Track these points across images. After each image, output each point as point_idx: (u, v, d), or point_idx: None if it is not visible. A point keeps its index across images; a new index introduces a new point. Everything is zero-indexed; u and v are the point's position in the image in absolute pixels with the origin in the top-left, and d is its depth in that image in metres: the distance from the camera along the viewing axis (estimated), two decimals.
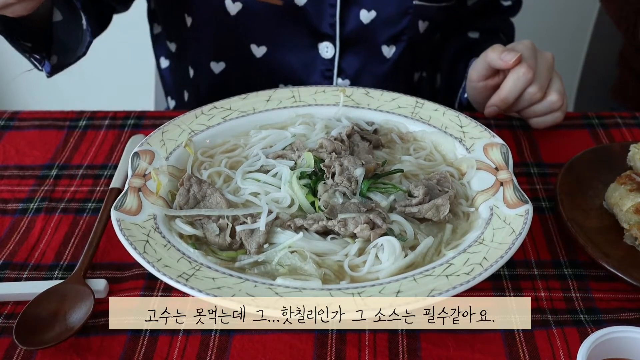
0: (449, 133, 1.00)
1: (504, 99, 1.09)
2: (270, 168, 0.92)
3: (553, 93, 1.09)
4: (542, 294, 0.85)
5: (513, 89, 1.07)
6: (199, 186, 0.89)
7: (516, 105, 1.11)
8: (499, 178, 0.90)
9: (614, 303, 0.84)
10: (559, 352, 0.78)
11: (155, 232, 0.82)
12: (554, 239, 0.94)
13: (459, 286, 0.74)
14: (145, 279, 0.86)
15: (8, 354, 0.77)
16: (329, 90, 1.08)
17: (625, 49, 1.86)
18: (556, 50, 1.50)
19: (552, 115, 1.12)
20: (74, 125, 1.15)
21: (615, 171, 0.98)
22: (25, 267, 0.89)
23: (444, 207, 0.86)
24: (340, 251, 0.82)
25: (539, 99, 1.09)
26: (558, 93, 1.09)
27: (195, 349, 0.78)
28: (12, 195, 1.00)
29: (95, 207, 0.98)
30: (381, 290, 0.75)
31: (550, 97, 1.09)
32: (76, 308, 0.79)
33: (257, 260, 0.82)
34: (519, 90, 1.07)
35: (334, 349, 0.78)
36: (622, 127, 1.16)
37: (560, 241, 0.93)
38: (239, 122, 1.03)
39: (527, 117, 1.14)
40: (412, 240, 0.84)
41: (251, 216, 0.85)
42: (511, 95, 1.08)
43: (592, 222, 0.93)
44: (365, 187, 0.88)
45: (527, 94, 1.08)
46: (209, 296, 0.73)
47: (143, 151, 0.94)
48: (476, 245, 0.81)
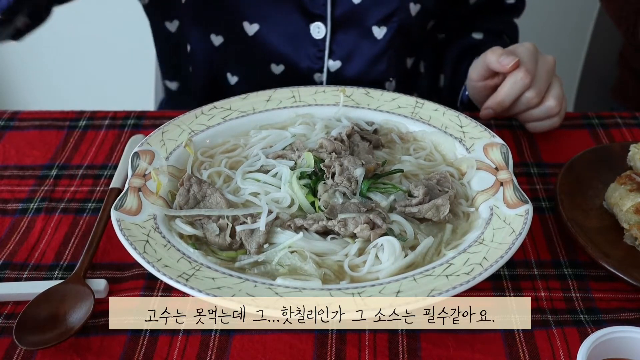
0: (449, 133, 1.00)
1: (500, 102, 1.08)
2: (270, 168, 0.92)
3: (551, 99, 1.08)
4: (542, 294, 0.85)
5: (509, 93, 1.06)
6: (199, 186, 0.89)
7: (513, 109, 1.10)
8: (499, 178, 0.90)
9: (614, 303, 0.84)
10: (559, 352, 0.78)
11: (155, 232, 0.82)
12: (554, 239, 0.94)
13: (459, 286, 0.74)
14: (145, 279, 0.86)
15: (8, 354, 0.77)
16: (329, 90, 1.08)
17: (625, 49, 1.86)
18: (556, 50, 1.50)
19: (550, 121, 1.11)
20: (74, 125, 1.15)
21: (615, 171, 0.98)
22: (25, 267, 0.89)
23: (444, 207, 0.86)
24: (340, 251, 0.82)
25: (536, 104, 1.08)
26: (556, 99, 1.08)
27: (195, 349, 0.78)
28: (12, 195, 1.00)
29: (95, 207, 0.98)
30: (381, 290, 0.75)
31: (547, 102, 1.08)
32: (76, 308, 0.79)
33: (257, 260, 0.82)
34: (515, 94, 1.06)
35: (334, 349, 0.78)
36: (622, 127, 1.16)
37: (560, 241, 0.93)
38: (239, 122, 1.03)
39: (524, 121, 1.13)
40: (412, 240, 0.84)
41: (251, 216, 0.85)
42: (507, 99, 1.07)
43: (592, 222, 0.93)
44: (365, 187, 0.88)
45: (524, 98, 1.07)
46: (209, 296, 0.73)
47: (143, 151, 0.94)
48: (476, 245, 0.81)
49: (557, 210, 0.93)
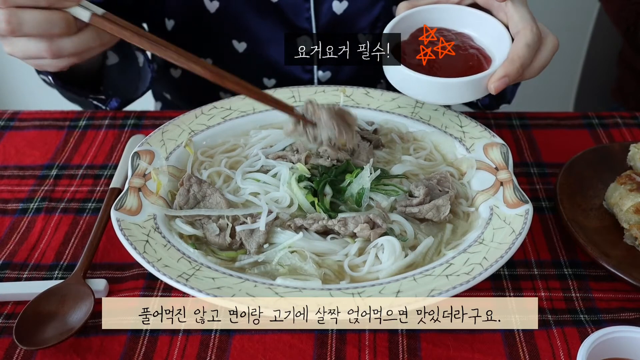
0: (449, 133, 1.00)
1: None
2: (270, 168, 0.92)
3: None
4: (542, 294, 0.85)
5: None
6: (199, 186, 0.89)
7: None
8: (499, 178, 0.90)
9: (614, 303, 0.84)
10: (559, 352, 0.78)
11: (155, 232, 0.82)
12: (554, 239, 0.94)
13: (459, 286, 0.74)
14: (145, 279, 0.86)
15: (8, 354, 0.77)
16: (329, 90, 1.08)
17: (625, 49, 1.86)
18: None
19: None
20: (74, 125, 1.15)
21: (615, 171, 0.98)
22: (25, 267, 0.89)
23: (445, 207, 0.86)
24: (340, 251, 0.82)
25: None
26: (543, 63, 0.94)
27: (195, 349, 0.78)
28: (12, 195, 1.00)
29: (95, 207, 0.98)
30: (381, 290, 0.75)
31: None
32: (76, 308, 0.79)
33: (257, 260, 0.82)
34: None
35: (334, 349, 0.78)
36: (622, 127, 1.16)
37: (560, 241, 0.93)
38: (239, 122, 1.03)
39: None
40: (412, 240, 0.84)
41: (251, 216, 0.85)
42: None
43: (592, 222, 0.93)
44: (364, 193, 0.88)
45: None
46: (209, 296, 0.73)
47: (143, 151, 0.94)
48: (476, 245, 0.81)
49: (557, 210, 0.93)
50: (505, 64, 0.90)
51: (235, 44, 1.25)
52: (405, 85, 0.94)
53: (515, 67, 0.89)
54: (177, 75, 1.33)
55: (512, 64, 0.89)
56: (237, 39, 1.24)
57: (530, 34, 0.90)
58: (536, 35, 0.91)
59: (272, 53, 1.25)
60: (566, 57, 2.27)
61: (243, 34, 1.24)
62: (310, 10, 1.20)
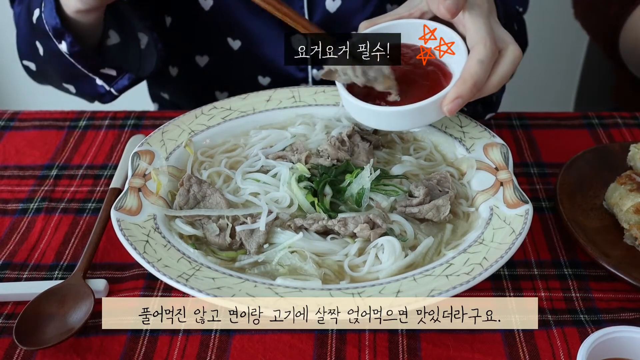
0: (449, 133, 1.00)
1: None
2: (270, 168, 0.92)
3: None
4: (542, 294, 0.85)
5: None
6: (199, 186, 0.89)
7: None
8: (499, 178, 0.90)
9: (614, 303, 0.84)
10: (559, 352, 0.78)
11: (155, 232, 0.82)
12: (554, 239, 0.94)
13: (459, 286, 0.74)
14: (145, 279, 0.86)
15: (8, 354, 0.77)
16: (329, 90, 1.08)
17: None
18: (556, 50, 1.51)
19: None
20: (74, 126, 1.15)
21: (615, 171, 0.98)
22: (25, 267, 0.89)
23: (445, 207, 0.86)
24: (340, 251, 0.82)
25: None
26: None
27: (195, 349, 0.78)
28: (12, 195, 1.01)
29: (95, 207, 0.98)
30: (381, 290, 0.75)
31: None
32: (76, 308, 0.79)
33: (257, 260, 0.82)
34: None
35: (334, 349, 0.78)
36: (622, 127, 1.16)
37: (560, 241, 0.93)
38: (239, 122, 1.03)
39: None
40: (412, 240, 0.84)
41: (251, 216, 0.85)
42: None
43: (592, 222, 0.93)
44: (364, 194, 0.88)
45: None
46: (209, 296, 0.73)
47: (143, 151, 0.94)
48: (476, 245, 0.81)
49: (557, 210, 0.93)
50: (458, 84, 0.84)
51: (230, 42, 1.25)
52: (358, 116, 0.92)
53: (467, 86, 0.84)
54: (174, 74, 1.34)
55: (464, 84, 0.84)
56: (232, 37, 1.24)
57: (483, 49, 0.84)
58: (490, 50, 0.84)
59: (266, 51, 1.25)
60: (566, 57, 2.27)
61: (237, 32, 1.24)
62: (304, 8, 1.20)
